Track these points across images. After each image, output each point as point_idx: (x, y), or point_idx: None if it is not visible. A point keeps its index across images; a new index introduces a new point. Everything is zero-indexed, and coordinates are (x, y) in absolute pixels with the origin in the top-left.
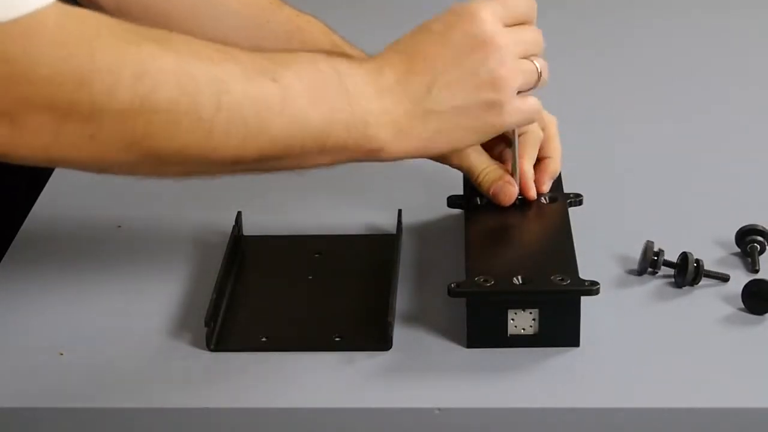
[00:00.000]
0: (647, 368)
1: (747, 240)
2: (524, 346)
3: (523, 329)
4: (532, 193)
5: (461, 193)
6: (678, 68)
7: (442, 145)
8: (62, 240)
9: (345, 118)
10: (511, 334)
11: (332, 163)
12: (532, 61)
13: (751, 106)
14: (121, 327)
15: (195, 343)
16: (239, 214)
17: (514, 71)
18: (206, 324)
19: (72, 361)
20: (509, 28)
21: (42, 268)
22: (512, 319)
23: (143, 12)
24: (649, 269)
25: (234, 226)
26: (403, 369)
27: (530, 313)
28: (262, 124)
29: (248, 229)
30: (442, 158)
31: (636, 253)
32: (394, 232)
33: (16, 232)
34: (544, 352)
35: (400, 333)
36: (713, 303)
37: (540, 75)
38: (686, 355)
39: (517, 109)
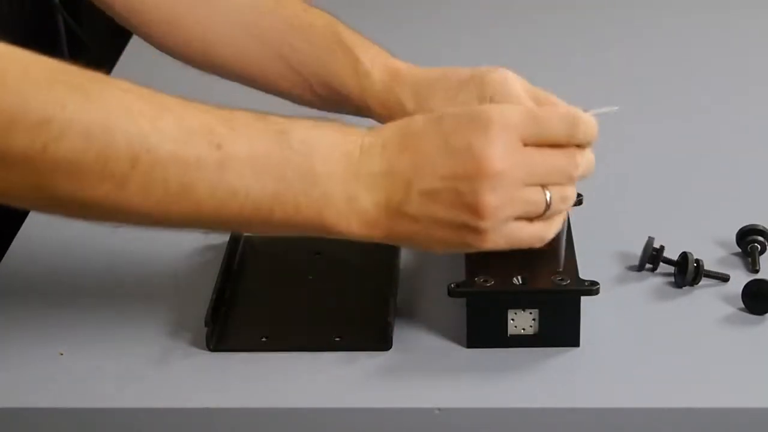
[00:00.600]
0: (647, 368)
1: (747, 240)
2: (524, 346)
3: (523, 329)
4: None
5: None
6: (678, 68)
7: (412, 247)
8: (62, 240)
9: (297, 198)
10: (511, 334)
11: (286, 233)
12: (543, 190)
13: (751, 106)
14: (121, 327)
15: (195, 343)
16: None
17: (506, 202)
18: (206, 324)
19: (72, 361)
20: (528, 150)
21: (42, 268)
22: (512, 319)
23: (151, 16)
24: (649, 265)
25: None
26: (403, 369)
27: (530, 313)
28: (188, 190)
29: None
30: None
31: (636, 254)
32: None
33: (16, 232)
34: (544, 352)
35: (400, 333)
36: (713, 303)
37: (548, 205)
38: (686, 355)
39: (504, 236)
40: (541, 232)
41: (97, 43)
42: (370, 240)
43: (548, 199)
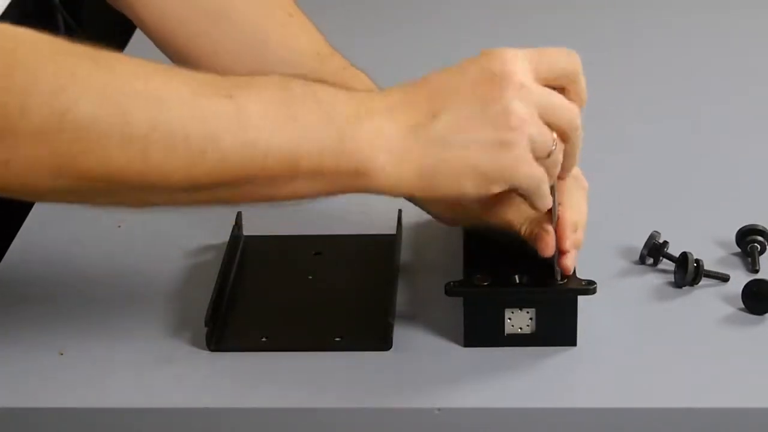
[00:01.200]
0: (646, 368)
1: (747, 240)
2: (521, 345)
3: (520, 328)
4: (568, 244)
5: None
6: (679, 68)
7: (442, 181)
8: (62, 240)
9: (317, 139)
10: (508, 334)
11: (315, 194)
12: (550, 131)
13: (751, 106)
14: (121, 327)
15: (195, 343)
16: (239, 214)
17: (532, 117)
18: (206, 324)
19: (72, 361)
20: (541, 86)
21: (42, 268)
22: (509, 318)
23: (193, 51)
24: (650, 259)
25: (234, 226)
26: (403, 369)
27: (527, 312)
28: (210, 144)
29: (248, 229)
30: (479, 218)
31: (636, 254)
32: (394, 232)
33: (16, 232)
34: (541, 351)
35: (400, 333)
36: (713, 303)
37: (554, 149)
38: (686, 355)
39: (529, 163)
40: (543, 175)
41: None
42: (402, 182)
43: (555, 141)
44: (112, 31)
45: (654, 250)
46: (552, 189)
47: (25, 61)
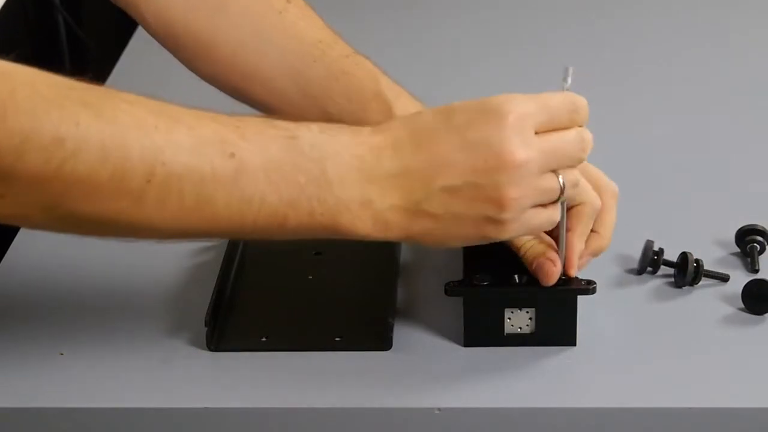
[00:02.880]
0: (645, 368)
1: (747, 240)
2: (521, 345)
3: (520, 328)
4: (574, 272)
5: None
6: (678, 68)
7: (428, 243)
8: (62, 240)
9: (311, 204)
10: (507, 333)
11: (301, 237)
12: (557, 176)
13: (751, 106)
14: (121, 327)
15: (195, 343)
16: None
17: (528, 191)
18: (206, 324)
19: (72, 361)
20: (541, 137)
21: (42, 268)
22: (509, 318)
23: (192, 42)
24: (649, 268)
25: None
26: (403, 369)
27: (527, 312)
28: (204, 201)
29: None
30: None
31: (635, 253)
32: None
33: (16, 233)
34: (540, 351)
35: (400, 333)
36: (713, 303)
37: (562, 191)
38: (685, 355)
39: (523, 224)
40: (552, 216)
41: (97, 43)
42: (386, 240)
43: (562, 184)
44: (112, 31)
45: (652, 262)
46: (561, 216)
47: (24, 104)
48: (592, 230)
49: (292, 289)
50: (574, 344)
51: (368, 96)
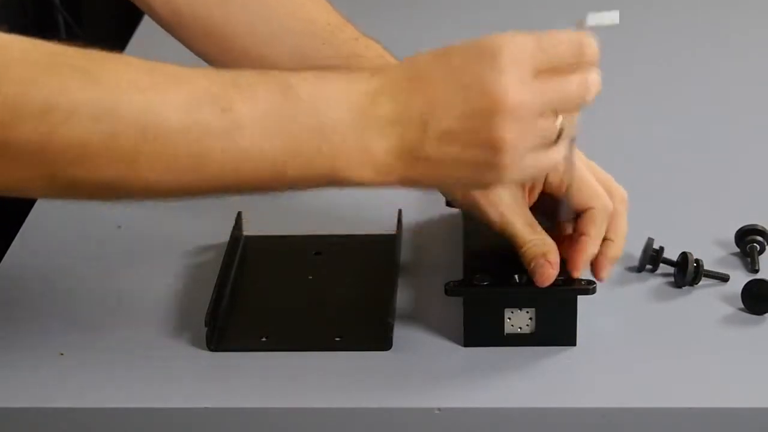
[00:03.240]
0: (645, 368)
1: (747, 240)
2: (521, 345)
3: (520, 328)
4: (578, 274)
5: None
6: (678, 68)
7: (429, 186)
8: (62, 240)
9: (309, 152)
10: (507, 333)
11: (298, 190)
12: (554, 119)
13: (751, 106)
14: (121, 327)
15: (195, 343)
16: (239, 214)
17: (524, 134)
18: (206, 324)
19: (72, 361)
20: (540, 80)
21: (42, 268)
22: (509, 318)
23: (201, 27)
24: (649, 266)
25: (234, 226)
26: (403, 369)
27: (527, 312)
28: (200, 156)
29: (248, 229)
30: (483, 218)
31: (636, 253)
32: (394, 232)
33: (16, 232)
34: (540, 351)
35: (400, 333)
36: (713, 303)
37: (560, 132)
38: (685, 355)
39: (523, 168)
40: (552, 158)
41: (97, 43)
42: (384, 186)
43: (559, 125)
44: (112, 30)
45: (652, 259)
46: (561, 206)
47: (15, 73)
48: (605, 238)
49: (292, 289)
50: (574, 344)
51: None
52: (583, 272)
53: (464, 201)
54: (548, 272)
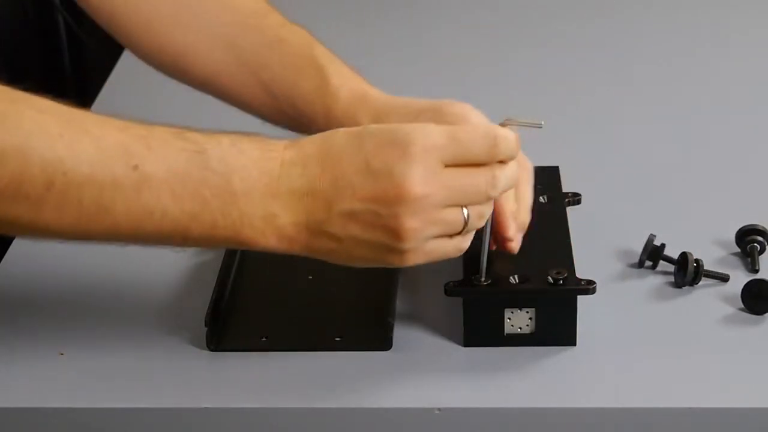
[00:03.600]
0: (645, 368)
1: (747, 240)
2: (521, 345)
3: (520, 328)
4: (511, 232)
5: None
6: (679, 67)
7: (332, 261)
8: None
9: (214, 217)
10: (507, 333)
11: (205, 248)
12: (461, 210)
13: (751, 106)
14: (121, 327)
15: (195, 343)
16: None
17: (426, 224)
18: (206, 324)
19: (72, 361)
20: (448, 172)
21: (42, 268)
22: (509, 318)
23: (131, 17)
24: (649, 262)
25: None
26: (403, 369)
27: (527, 312)
28: (104, 211)
29: None
30: None
31: (636, 254)
32: None
33: None
34: (540, 351)
35: (400, 333)
36: (713, 303)
37: (466, 223)
38: (685, 355)
39: (424, 254)
40: (459, 245)
41: (97, 43)
42: (289, 253)
43: (466, 217)
44: None
45: (652, 254)
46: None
47: None
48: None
49: (292, 289)
50: (574, 344)
51: (302, 62)
52: (583, 272)
53: None
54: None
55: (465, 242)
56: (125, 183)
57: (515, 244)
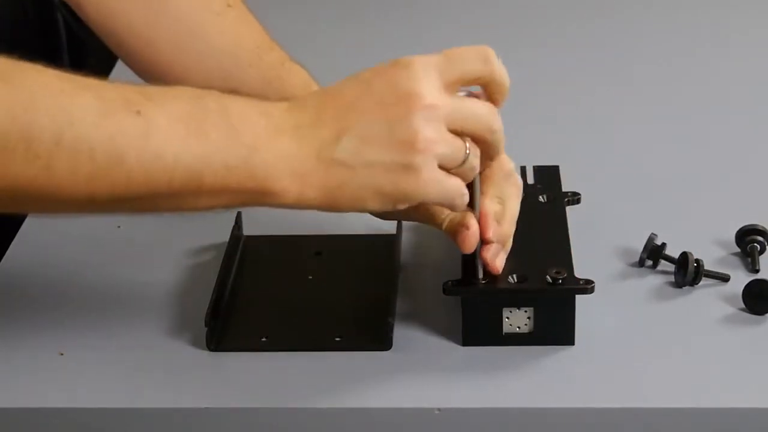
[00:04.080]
0: (645, 368)
1: (747, 240)
2: (520, 344)
3: (519, 327)
4: (490, 234)
5: None
6: (679, 67)
7: (345, 202)
8: (62, 240)
9: (224, 157)
10: (506, 333)
11: (219, 207)
12: (463, 139)
13: (751, 106)
14: (121, 327)
15: (195, 343)
16: (239, 214)
17: (437, 136)
18: (206, 324)
19: (72, 361)
20: (453, 96)
21: (42, 268)
22: (507, 318)
23: (133, 38)
24: (649, 261)
25: (234, 226)
26: (403, 369)
27: (525, 311)
28: (115, 161)
29: (248, 229)
30: (405, 213)
31: (635, 253)
32: (394, 232)
33: (16, 232)
34: (539, 350)
35: (400, 333)
36: (713, 303)
37: (467, 156)
38: (685, 355)
39: (437, 181)
40: (457, 184)
41: (97, 43)
42: (304, 201)
43: (467, 147)
44: None
45: (653, 253)
46: (473, 183)
47: None
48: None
49: (292, 289)
50: (573, 344)
51: None
52: (582, 272)
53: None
54: (467, 237)
55: (463, 186)
56: (133, 128)
57: (489, 255)
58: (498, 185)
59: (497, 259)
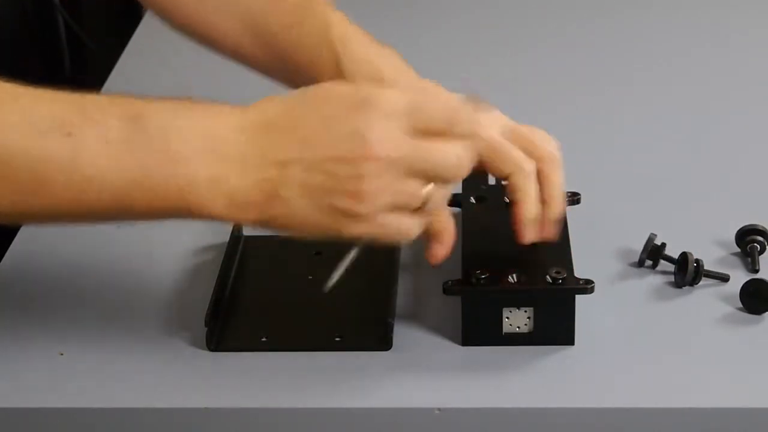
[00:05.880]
0: (644, 368)
1: (747, 240)
2: (519, 344)
3: (518, 327)
4: (523, 239)
5: (459, 192)
6: (678, 67)
7: (284, 229)
8: (62, 240)
9: (157, 183)
10: (506, 333)
11: (149, 221)
12: (421, 185)
13: (751, 106)
14: (121, 327)
15: (195, 343)
16: None
17: (385, 189)
18: (206, 324)
19: (72, 361)
20: (414, 139)
21: (42, 268)
22: (507, 317)
23: None
24: (649, 261)
25: (234, 226)
26: (403, 369)
27: (525, 311)
28: (42, 180)
29: (248, 229)
30: None
31: (635, 253)
32: None
33: (16, 232)
34: (539, 350)
35: (400, 333)
36: (712, 303)
37: (425, 201)
38: (685, 354)
39: (380, 225)
40: (411, 228)
41: (97, 43)
42: (241, 223)
43: (426, 194)
44: (112, 30)
45: (653, 253)
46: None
47: None
48: (542, 200)
49: (292, 289)
50: (573, 343)
51: (318, 47)
52: (582, 272)
53: None
54: (435, 250)
55: (415, 225)
56: (60, 151)
57: (530, 240)
58: (524, 188)
59: (536, 235)
